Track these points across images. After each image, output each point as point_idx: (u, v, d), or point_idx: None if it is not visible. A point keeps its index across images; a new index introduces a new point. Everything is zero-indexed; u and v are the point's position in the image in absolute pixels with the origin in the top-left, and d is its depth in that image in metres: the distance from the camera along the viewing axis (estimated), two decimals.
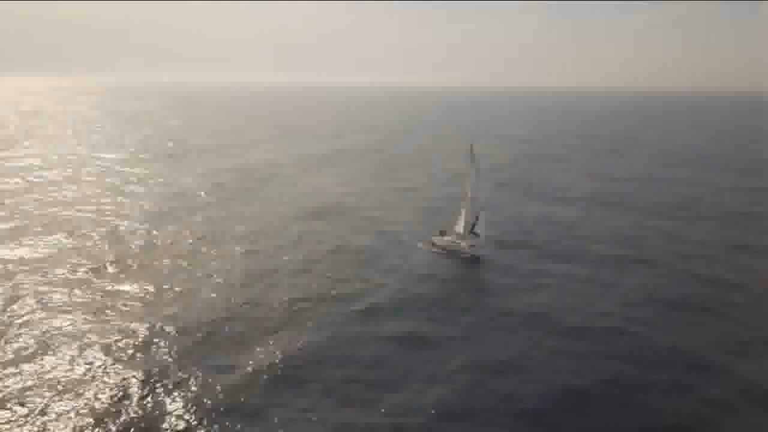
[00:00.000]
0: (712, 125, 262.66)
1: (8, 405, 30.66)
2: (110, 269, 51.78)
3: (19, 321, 41.00)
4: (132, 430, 29.08)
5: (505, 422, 30.37)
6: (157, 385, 33.00)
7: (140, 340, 38.45)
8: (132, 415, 30.18)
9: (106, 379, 33.53)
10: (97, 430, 28.95)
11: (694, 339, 40.49)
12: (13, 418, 29.61)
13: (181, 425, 29.50)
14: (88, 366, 34.89)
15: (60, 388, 32.44)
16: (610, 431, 30.05)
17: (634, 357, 37.48)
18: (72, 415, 29.98)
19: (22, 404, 30.76)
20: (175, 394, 32.14)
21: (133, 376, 33.77)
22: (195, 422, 29.70)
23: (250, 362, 35.65)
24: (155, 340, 38.48)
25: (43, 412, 30.10)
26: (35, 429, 28.89)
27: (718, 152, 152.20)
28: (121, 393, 32.03)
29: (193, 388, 32.65)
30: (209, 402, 31.34)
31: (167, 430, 29.21)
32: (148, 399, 31.64)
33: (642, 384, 34.28)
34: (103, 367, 34.84)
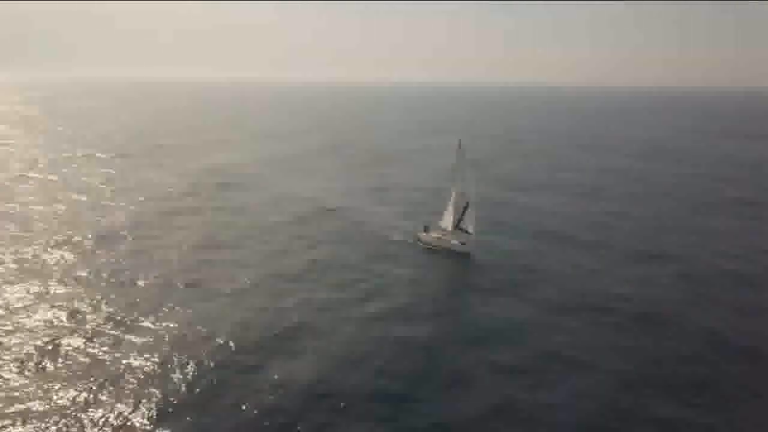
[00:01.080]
0: (648, 119, 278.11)
1: (55, 407, 30.41)
2: (107, 273, 50.69)
3: (35, 324, 40.37)
4: (178, 428, 29.45)
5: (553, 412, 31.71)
6: (195, 384, 33.20)
7: (160, 342, 38.23)
8: (177, 414, 30.42)
9: (141, 379, 33.52)
10: (144, 428, 29.22)
11: (696, 310, 44.78)
12: (59, 421, 29.40)
13: (227, 424, 29.85)
14: (118, 367, 34.70)
15: (96, 389, 32.37)
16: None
17: (655, 334, 40.87)
18: (114, 415, 30.02)
19: (65, 406, 30.53)
20: (214, 393, 32.41)
21: (167, 377, 33.90)
22: (236, 422, 30.01)
23: (279, 363, 35.86)
24: (177, 344, 38.04)
25: (85, 411, 30.07)
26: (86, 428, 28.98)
27: (661, 144, 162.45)
28: (160, 393, 32.10)
29: (231, 389, 32.90)
30: (250, 403, 31.55)
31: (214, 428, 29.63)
32: (189, 399, 31.87)
33: (660, 354, 37.81)
34: (132, 368, 34.70)
